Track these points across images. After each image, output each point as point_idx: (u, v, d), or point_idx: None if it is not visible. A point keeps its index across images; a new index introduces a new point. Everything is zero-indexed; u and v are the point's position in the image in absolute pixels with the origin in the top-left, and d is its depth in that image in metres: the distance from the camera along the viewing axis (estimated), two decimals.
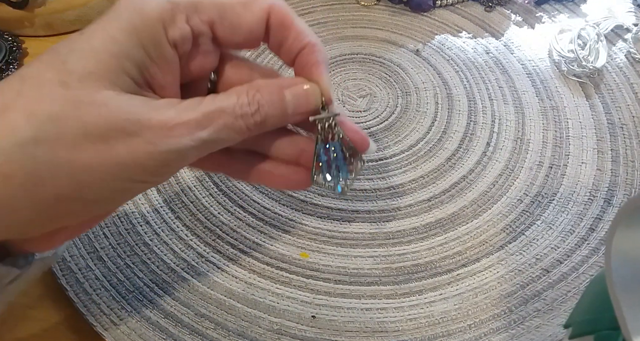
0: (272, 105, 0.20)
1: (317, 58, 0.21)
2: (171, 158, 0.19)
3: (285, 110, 0.21)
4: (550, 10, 0.46)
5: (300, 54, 0.21)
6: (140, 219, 0.32)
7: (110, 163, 0.18)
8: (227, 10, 0.20)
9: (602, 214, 0.33)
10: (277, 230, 0.32)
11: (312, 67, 0.21)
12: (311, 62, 0.21)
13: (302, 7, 0.45)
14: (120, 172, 0.18)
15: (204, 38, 0.20)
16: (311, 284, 0.30)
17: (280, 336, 0.28)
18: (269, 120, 0.20)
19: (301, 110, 0.21)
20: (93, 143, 0.17)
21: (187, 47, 0.20)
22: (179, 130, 0.19)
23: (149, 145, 0.18)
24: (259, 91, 0.20)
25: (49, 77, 0.18)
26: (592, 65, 0.40)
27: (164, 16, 0.19)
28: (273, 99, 0.20)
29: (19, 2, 0.40)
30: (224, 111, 0.19)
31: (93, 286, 0.29)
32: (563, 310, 0.29)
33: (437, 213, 0.33)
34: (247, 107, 0.20)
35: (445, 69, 0.41)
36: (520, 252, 0.31)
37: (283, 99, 0.21)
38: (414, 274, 0.31)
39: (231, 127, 0.20)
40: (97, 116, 0.17)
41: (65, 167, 0.17)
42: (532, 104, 0.39)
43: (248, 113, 0.20)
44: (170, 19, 0.19)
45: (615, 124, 0.38)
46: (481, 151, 0.36)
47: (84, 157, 0.17)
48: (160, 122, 0.18)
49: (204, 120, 0.19)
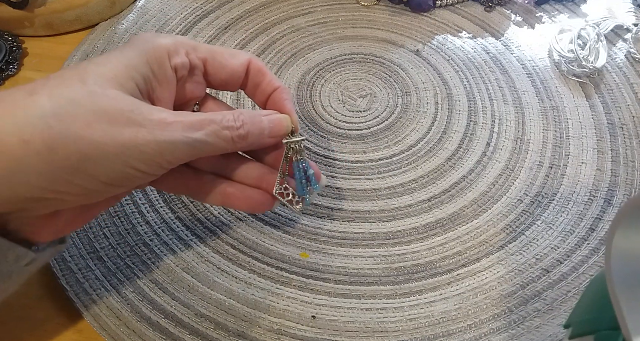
0: (253, 125, 0.25)
1: (287, 96, 0.27)
2: (166, 148, 0.22)
3: (263, 131, 0.26)
4: (550, 10, 0.46)
5: (272, 94, 0.27)
6: (140, 219, 0.32)
7: (114, 144, 0.21)
8: (217, 54, 0.26)
9: (602, 214, 0.33)
10: (277, 230, 0.32)
11: (283, 102, 0.27)
12: (282, 100, 0.27)
13: (302, 7, 0.45)
14: (121, 153, 0.21)
15: (197, 70, 0.26)
16: (311, 284, 0.30)
17: (280, 336, 0.28)
18: (250, 137, 0.25)
19: (275, 133, 0.26)
20: (102, 124, 0.21)
21: (184, 73, 0.25)
22: (175, 126, 0.22)
23: (149, 134, 0.22)
24: (242, 113, 0.25)
25: (70, 75, 0.22)
26: (592, 65, 0.40)
27: (169, 48, 0.24)
28: (254, 120, 0.25)
29: (19, 2, 0.40)
30: (214, 121, 0.24)
31: (93, 286, 0.29)
32: (563, 310, 0.29)
33: (437, 213, 0.33)
34: (232, 122, 0.24)
35: (445, 68, 0.41)
36: (520, 252, 0.31)
37: (262, 121, 0.26)
38: (414, 274, 0.31)
39: (219, 135, 0.24)
40: (108, 104, 0.21)
41: (77, 139, 0.20)
42: (532, 104, 0.39)
43: (234, 127, 0.24)
44: (174, 51, 0.25)
45: (615, 124, 0.38)
46: (481, 151, 0.36)
47: (93, 134, 0.20)
48: (160, 118, 0.22)
49: (197, 124, 0.23)
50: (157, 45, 0.24)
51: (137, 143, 0.21)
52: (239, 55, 0.27)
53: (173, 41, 0.25)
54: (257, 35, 0.43)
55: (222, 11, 0.45)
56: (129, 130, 0.21)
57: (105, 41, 0.42)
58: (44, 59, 0.41)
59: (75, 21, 0.43)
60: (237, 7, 0.45)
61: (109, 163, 0.21)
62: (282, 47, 0.42)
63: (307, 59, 0.42)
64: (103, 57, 0.23)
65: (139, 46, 0.24)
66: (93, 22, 0.43)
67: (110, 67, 0.22)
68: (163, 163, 0.23)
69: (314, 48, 0.42)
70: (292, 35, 0.43)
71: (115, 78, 0.22)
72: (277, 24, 0.44)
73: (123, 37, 0.43)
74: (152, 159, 0.22)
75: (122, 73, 0.22)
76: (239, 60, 0.27)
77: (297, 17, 0.45)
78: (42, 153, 0.20)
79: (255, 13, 0.45)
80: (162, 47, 0.24)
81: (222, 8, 0.45)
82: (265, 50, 0.42)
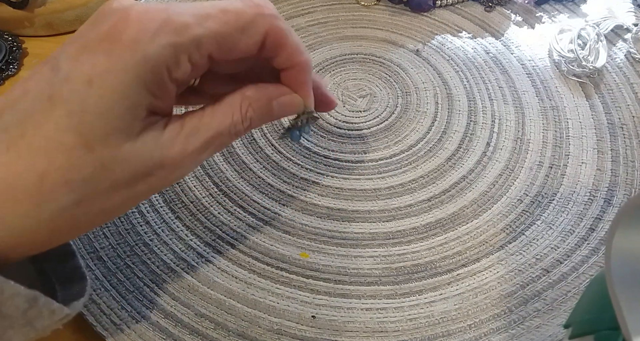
0: (262, 117, 0.23)
1: (306, 78, 0.23)
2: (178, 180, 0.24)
3: (272, 118, 0.24)
4: (550, 10, 0.46)
5: (290, 69, 0.23)
6: (140, 219, 0.32)
7: (133, 199, 0.21)
8: (225, 39, 0.21)
9: (602, 214, 0.33)
10: (277, 230, 0.32)
11: (301, 84, 0.24)
12: (300, 80, 0.24)
13: (302, 7, 0.45)
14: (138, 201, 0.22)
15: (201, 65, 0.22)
16: (311, 284, 0.30)
17: (280, 336, 0.28)
18: (255, 123, 0.23)
19: (284, 114, 0.24)
20: (120, 192, 0.20)
21: (186, 77, 0.22)
22: (186, 161, 0.22)
23: (163, 179, 0.22)
24: (251, 105, 0.23)
25: (71, 140, 0.19)
26: (592, 65, 0.40)
27: (168, 62, 0.20)
28: (263, 112, 0.23)
29: (19, 2, 0.40)
30: (222, 134, 0.22)
31: (93, 287, 0.29)
32: (563, 310, 0.29)
33: (437, 213, 0.33)
34: (240, 125, 0.23)
35: (445, 68, 0.41)
36: (520, 252, 0.31)
37: (272, 110, 0.23)
38: (414, 274, 0.31)
39: (226, 143, 0.23)
40: (121, 172, 0.20)
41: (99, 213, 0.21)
42: (532, 104, 0.39)
43: (241, 130, 0.23)
44: (174, 63, 0.20)
45: (615, 124, 0.38)
46: (481, 151, 0.36)
47: (114, 203, 0.21)
48: (172, 160, 0.21)
49: (205, 145, 0.22)
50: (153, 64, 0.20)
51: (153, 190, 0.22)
52: (253, 27, 0.21)
53: (171, 49, 0.20)
54: None
55: None
56: (145, 184, 0.21)
57: None
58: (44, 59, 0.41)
59: (75, 21, 0.43)
60: None
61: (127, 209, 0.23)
62: None
63: None
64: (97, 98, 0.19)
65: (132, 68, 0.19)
66: None
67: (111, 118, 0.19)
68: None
69: (314, 48, 0.42)
70: None
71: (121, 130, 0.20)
72: None
73: None
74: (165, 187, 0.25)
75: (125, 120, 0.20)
76: (252, 37, 0.22)
77: (297, 17, 0.45)
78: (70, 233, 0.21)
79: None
80: (160, 64, 0.20)
81: None
82: None
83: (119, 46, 0.19)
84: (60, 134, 0.19)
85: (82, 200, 0.20)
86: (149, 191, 0.22)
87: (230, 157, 0.35)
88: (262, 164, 0.35)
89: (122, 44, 0.19)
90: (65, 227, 0.20)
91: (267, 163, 0.35)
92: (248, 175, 0.35)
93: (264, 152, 0.36)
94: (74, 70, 0.19)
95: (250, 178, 0.34)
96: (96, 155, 0.19)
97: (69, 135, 0.19)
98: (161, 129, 0.21)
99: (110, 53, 0.19)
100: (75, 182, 0.19)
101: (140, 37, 0.19)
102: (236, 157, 0.35)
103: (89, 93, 0.19)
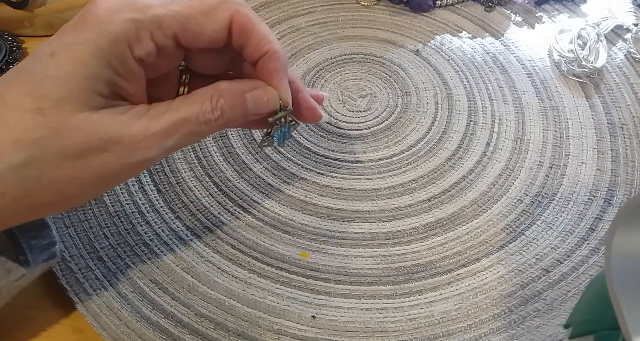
0: (234, 109, 0.22)
1: (277, 66, 0.23)
2: (141, 166, 0.22)
3: (246, 112, 0.23)
4: (550, 10, 0.46)
5: (260, 60, 0.23)
6: (140, 219, 0.32)
7: (87, 176, 0.21)
8: (189, 21, 0.21)
9: (602, 214, 0.33)
10: (277, 230, 0.32)
11: (272, 74, 0.23)
12: (271, 69, 0.23)
13: (302, 7, 0.45)
14: (96, 181, 0.21)
15: (167, 49, 0.22)
16: (311, 284, 0.30)
17: (280, 336, 0.28)
18: (232, 122, 0.23)
19: (261, 112, 0.23)
20: (71, 161, 0.20)
21: (152, 59, 0.22)
22: (147, 141, 0.21)
23: (120, 158, 0.21)
24: (222, 96, 0.22)
25: (27, 103, 0.20)
26: (592, 65, 0.40)
27: (129, 36, 0.20)
28: (235, 103, 0.22)
29: (19, 2, 0.40)
30: (189, 120, 0.22)
31: (93, 286, 0.29)
32: (563, 310, 0.29)
33: (437, 213, 0.33)
34: (210, 114, 0.22)
35: (445, 68, 0.41)
36: (520, 252, 0.31)
37: (244, 102, 0.23)
38: (414, 274, 0.31)
39: (195, 133, 0.22)
40: (73, 139, 0.20)
41: (50, 182, 0.20)
42: (532, 104, 0.39)
43: (211, 119, 0.22)
44: (135, 38, 0.21)
45: (615, 124, 0.38)
46: (481, 151, 0.36)
47: (64, 173, 0.20)
48: (130, 137, 0.21)
49: (170, 129, 0.21)
50: (114, 36, 0.20)
51: (110, 169, 0.21)
52: (217, 11, 0.22)
53: (132, 24, 0.20)
54: None
55: None
56: (99, 160, 0.21)
57: None
58: None
59: None
60: None
61: (86, 192, 0.22)
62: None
63: (307, 59, 0.42)
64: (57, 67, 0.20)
65: (94, 41, 0.20)
66: None
67: (69, 84, 0.20)
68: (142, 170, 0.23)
69: (314, 48, 0.42)
70: (292, 35, 0.43)
71: (77, 99, 0.20)
72: (277, 24, 0.44)
73: None
74: (129, 175, 0.22)
75: (83, 89, 0.20)
76: (216, 22, 0.22)
77: (297, 17, 0.45)
78: (19, 199, 0.20)
79: (255, 13, 0.45)
80: (121, 37, 0.20)
81: None
82: None
83: (85, 24, 0.20)
84: (18, 98, 0.20)
85: (30, 162, 0.20)
86: (104, 169, 0.21)
87: (230, 157, 0.35)
88: (262, 164, 0.35)
89: (87, 22, 0.20)
90: (15, 191, 0.20)
91: (267, 163, 0.35)
92: (248, 175, 0.35)
93: (264, 152, 0.36)
94: (43, 47, 0.21)
95: (250, 178, 0.34)
96: (48, 119, 0.20)
97: (25, 99, 0.20)
98: (125, 110, 0.21)
99: (75, 30, 0.21)
100: (24, 141, 0.20)
101: (103, 15, 0.20)
102: (236, 157, 0.35)
103: (50, 62, 0.20)
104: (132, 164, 0.21)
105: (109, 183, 0.22)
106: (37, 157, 0.20)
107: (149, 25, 0.21)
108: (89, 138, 0.20)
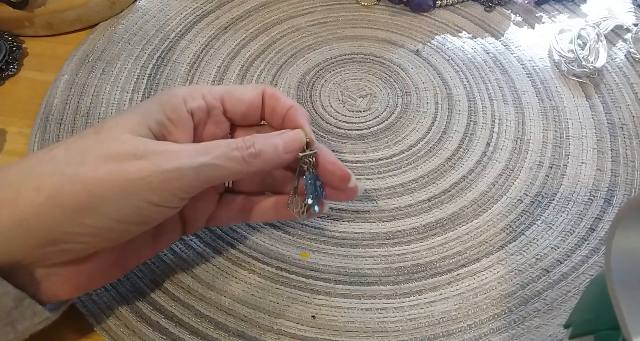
0: (265, 143, 0.25)
1: (300, 114, 0.27)
2: (173, 176, 0.22)
3: (277, 147, 0.25)
4: (550, 10, 0.46)
5: (287, 113, 0.27)
6: None
7: (120, 179, 0.22)
8: (233, 91, 0.27)
9: (602, 214, 0.33)
10: (277, 230, 0.32)
11: (296, 119, 0.27)
12: (294, 116, 0.27)
13: (302, 7, 0.45)
14: (129, 187, 0.22)
15: (216, 110, 0.27)
16: (311, 284, 0.30)
17: (280, 336, 0.28)
18: (264, 154, 0.25)
19: (290, 148, 0.26)
20: (108, 163, 0.22)
21: (202, 115, 0.26)
22: (181, 154, 0.23)
23: (154, 165, 0.22)
24: (254, 136, 0.25)
25: (88, 130, 0.24)
26: (592, 65, 0.40)
27: (185, 95, 0.26)
28: (266, 139, 0.25)
29: (19, 2, 0.40)
30: (221, 144, 0.24)
31: None
32: (563, 310, 0.29)
33: (437, 213, 0.33)
34: (242, 143, 0.24)
35: (445, 68, 0.41)
36: (520, 252, 0.31)
37: (274, 139, 0.26)
38: (414, 274, 0.31)
39: (228, 156, 0.24)
40: (116, 147, 0.22)
41: (84, 180, 0.21)
42: (532, 104, 0.39)
43: (243, 147, 0.24)
44: (190, 96, 0.26)
45: (615, 124, 0.38)
46: (481, 151, 0.36)
47: (99, 174, 0.21)
48: (166, 150, 0.23)
49: (204, 149, 0.24)
50: (173, 93, 0.26)
51: (142, 175, 0.22)
52: (254, 87, 0.28)
53: (189, 89, 0.26)
54: (257, 35, 0.43)
55: (222, 11, 0.45)
56: (134, 165, 0.22)
57: (105, 41, 0.42)
58: (44, 59, 0.41)
59: (75, 21, 0.43)
60: (237, 7, 0.45)
61: (118, 199, 0.22)
62: (282, 47, 0.42)
63: (307, 59, 0.42)
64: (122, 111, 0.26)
65: (157, 97, 0.25)
66: (93, 22, 0.43)
67: (125, 117, 0.24)
68: (175, 192, 0.23)
69: (314, 48, 0.42)
70: (292, 35, 0.43)
71: (128, 125, 0.23)
72: (277, 24, 0.44)
73: (123, 37, 0.42)
74: (161, 189, 0.22)
75: (135, 120, 0.24)
76: (253, 92, 0.27)
77: (297, 17, 0.45)
78: (52, 196, 0.21)
79: (255, 13, 0.45)
80: (178, 94, 0.26)
81: (222, 8, 0.45)
82: (265, 50, 0.42)
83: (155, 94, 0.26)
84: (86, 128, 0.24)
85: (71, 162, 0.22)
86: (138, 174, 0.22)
87: None
88: None
89: (158, 92, 0.27)
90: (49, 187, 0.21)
91: None
92: None
93: None
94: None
95: None
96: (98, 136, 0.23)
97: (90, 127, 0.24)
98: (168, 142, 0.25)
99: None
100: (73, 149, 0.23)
101: (171, 89, 0.25)
102: None
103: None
104: (165, 172, 0.22)
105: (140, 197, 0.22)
106: (79, 157, 0.22)
107: (201, 90, 0.26)
108: (129, 148, 0.22)
